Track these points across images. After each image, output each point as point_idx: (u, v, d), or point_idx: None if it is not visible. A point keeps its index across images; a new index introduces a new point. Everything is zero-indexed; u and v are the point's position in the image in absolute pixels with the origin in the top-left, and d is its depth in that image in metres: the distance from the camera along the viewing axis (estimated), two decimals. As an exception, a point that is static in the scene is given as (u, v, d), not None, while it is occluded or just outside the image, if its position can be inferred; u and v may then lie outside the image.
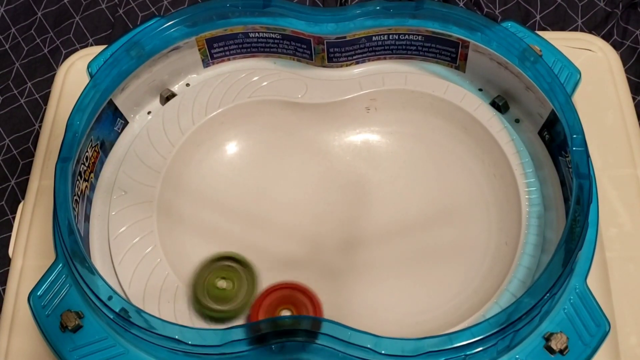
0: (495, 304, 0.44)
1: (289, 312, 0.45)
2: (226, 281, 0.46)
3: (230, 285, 0.46)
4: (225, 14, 0.53)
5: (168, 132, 0.52)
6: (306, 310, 0.44)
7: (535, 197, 0.48)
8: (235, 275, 0.46)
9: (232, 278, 0.46)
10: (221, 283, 0.46)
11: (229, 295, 0.45)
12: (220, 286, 0.45)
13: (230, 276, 0.46)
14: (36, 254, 0.52)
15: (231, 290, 0.46)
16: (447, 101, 0.52)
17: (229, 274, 0.46)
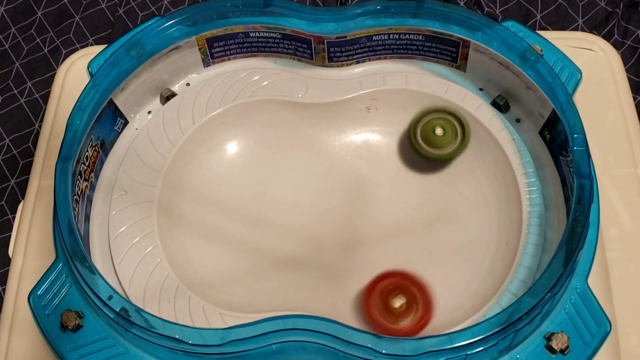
0: (496, 303, 0.44)
1: (402, 301, 0.45)
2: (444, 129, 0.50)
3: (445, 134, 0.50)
4: (225, 14, 0.53)
5: (168, 131, 0.52)
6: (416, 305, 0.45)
7: (536, 196, 0.48)
8: (451, 127, 0.51)
9: (447, 129, 0.51)
10: (438, 130, 0.51)
11: (443, 142, 0.51)
12: (438, 133, 0.50)
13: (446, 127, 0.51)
14: (36, 254, 0.52)
15: (445, 138, 0.51)
16: (448, 101, 0.52)
17: (446, 124, 0.51)
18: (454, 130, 0.51)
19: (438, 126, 0.51)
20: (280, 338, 0.40)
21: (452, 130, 0.51)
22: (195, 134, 0.53)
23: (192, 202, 0.52)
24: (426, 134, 0.51)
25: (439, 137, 0.51)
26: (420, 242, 0.50)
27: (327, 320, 0.39)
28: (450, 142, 0.51)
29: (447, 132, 0.51)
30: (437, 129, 0.51)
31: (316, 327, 0.39)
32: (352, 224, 0.51)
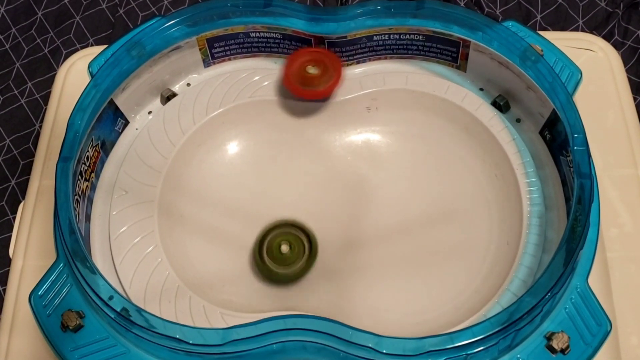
0: (496, 303, 0.44)
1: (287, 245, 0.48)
2: (289, 246, 0.49)
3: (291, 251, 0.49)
4: (226, 14, 0.53)
5: (169, 131, 0.52)
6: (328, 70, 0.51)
7: (537, 196, 0.48)
8: (297, 242, 0.49)
9: (294, 244, 0.49)
10: (284, 247, 0.49)
11: (289, 259, 0.48)
12: (283, 250, 0.48)
13: (293, 242, 0.49)
14: (36, 254, 0.52)
15: (291, 256, 0.48)
16: (448, 101, 0.52)
17: (291, 239, 0.49)
18: (300, 245, 0.49)
19: (284, 242, 0.49)
20: (281, 338, 0.40)
21: (298, 245, 0.49)
22: (196, 134, 0.53)
23: (192, 202, 0.52)
24: (272, 252, 0.49)
25: (286, 255, 0.48)
26: (421, 242, 0.50)
27: (327, 320, 0.39)
28: (298, 258, 0.48)
29: (293, 248, 0.49)
30: (282, 245, 0.49)
31: (317, 327, 0.39)
32: (352, 224, 0.51)
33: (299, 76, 0.51)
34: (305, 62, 0.52)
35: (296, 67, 0.52)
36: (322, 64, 0.52)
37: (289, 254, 0.49)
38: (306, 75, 0.51)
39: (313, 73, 0.51)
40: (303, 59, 0.52)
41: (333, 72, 0.51)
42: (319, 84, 0.51)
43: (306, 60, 0.52)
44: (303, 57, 0.52)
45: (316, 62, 0.52)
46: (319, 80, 0.51)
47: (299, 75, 0.51)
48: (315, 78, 0.51)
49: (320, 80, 0.51)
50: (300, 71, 0.51)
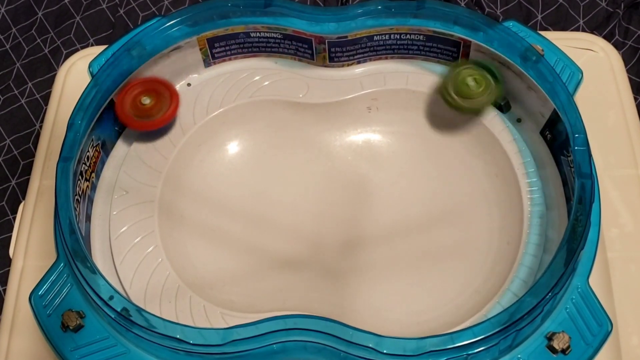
0: (497, 303, 0.44)
1: (149, 100, 0.51)
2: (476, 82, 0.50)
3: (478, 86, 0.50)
4: (226, 14, 0.53)
5: (169, 132, 0.52)
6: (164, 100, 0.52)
7: (537, 196, 0.48)
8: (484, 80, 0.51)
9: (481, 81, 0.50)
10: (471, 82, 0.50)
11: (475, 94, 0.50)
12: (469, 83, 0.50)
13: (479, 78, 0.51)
14: (37, 255, 0.52)
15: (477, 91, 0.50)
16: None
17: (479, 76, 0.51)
18: (486, 82, 0.51)
19: (470, 77, 0.51)
20: (282, 338, 0.39)
21: (484, 81, 0.51)
22: (196, 134, 0.53)
23: (193, 202, 0.52)
24: (459, 86, 0.51)
25: (472, 89, 0.50)
26: (421, 242, 0.50)
27: (328, 320, 0.39)
28: (483, 93, 0.50)
29: (479, 83, 0.50)
30: (469, 80, 0.50)
31: (317, 327, 0.39)
32: (353, 224, 0.51)
33: (134, 109, 0.51)
34: (137, 94, 0.51)
35: (129, 101, 0.51)
36: (154, 93, 0.52)
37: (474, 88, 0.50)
38: (141, 107, 0.51)
39: (147, 104, 0.51)
40: (135, 91, 0.51)
41: (168, 97, 0.52)
42: (157, 113, 0.51)
43: (138, 92, 0.51)
44: (134, 89, 0.51)
45: (148, 92, 0.51)
46: (156, 110, 0.51)
47: (134, 108, 0.51)
48: (151, 108, 0.51)
49: (156, 109, 0.51)
50: (134, 104, 0.51)
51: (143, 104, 0.51)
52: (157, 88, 0.52)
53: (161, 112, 0.51)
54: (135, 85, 0.51)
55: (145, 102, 0.51)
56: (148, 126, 0.51)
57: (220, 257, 0.50)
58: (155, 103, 0.51)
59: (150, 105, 0.51)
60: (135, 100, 0.51)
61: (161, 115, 0.51)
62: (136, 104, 0.51)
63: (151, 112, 0.51)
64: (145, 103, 0.51)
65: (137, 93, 0.51)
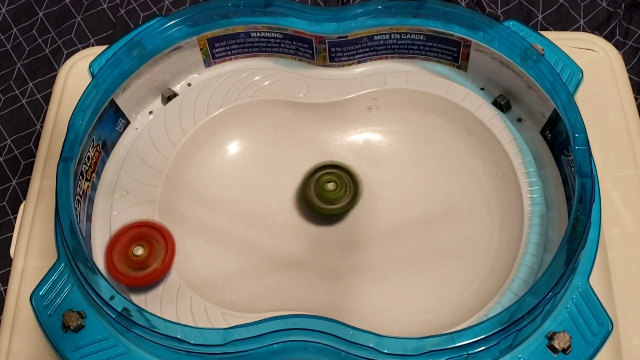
0: (497, 303, 0.44)
1: (142, 249, 0.46)
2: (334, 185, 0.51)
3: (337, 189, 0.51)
4: (226, 14, 0.53)
5: (170, 131, 0.52)
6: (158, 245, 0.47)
7: (538, 196, 0.48)
8: (341, 181, 0.51)
9: (338, 183, 0.51)
10: (330, 186, 0.51)
11: (335, 197, 0.51)
12: (328, 188, 0.51)
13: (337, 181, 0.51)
14: (37, 255, 0.52)
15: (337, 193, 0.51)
16: (449, 100, 0.52)
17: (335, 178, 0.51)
18: (344, 185, 0.51)
19: (330, 181, 0.51)
20: (282, 338, 0.39)
21: (343, 184, 0.51)
22: (197, 134, 0.53)
23: (193, 202, 0.52)
24: (319, 190, 0.51)
25: (331, 192, 0.50)
26: (422, 242, 0.50)
27: (328, 320, 0.39)
28: (343, 196, 0.51)
29: (339, 187, 0.51)
30: (328, 184, 0.51)
31: (318, 327, 0.39)
32: (353, 224, 0.51)
33: (126, 260, 0.46)
34: (127, 242, 0.46)
35: (119, 251, 0.46)
36: (147, 240, 0.47)
37: (334, 192, 0.51)
38: (133, 259, 0.46)
39: (140, 255, 0.46)
40: (124, 239, 0.47)
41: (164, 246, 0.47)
42: (152, 264, 0.46)
43: (127, 240, 0.46)
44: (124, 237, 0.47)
45: (141, 240, 0.47)
46: (150, 261, 0.46)
47: (125, 259, 0.46)
48: (145, 260, 0.46)
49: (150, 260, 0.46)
50: (125, 254, 0.46)
51: (136, 256, 0.46)
52: (146, 233, 0.47)
53: (157, 260, 0.46)
54: (122, 235, 0.47)
55: (138, 253, 0.46)
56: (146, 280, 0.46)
57: (220, 257, 0.50)
58: (149, 252, 0.46)
59: (145, 256, 0.46)
60: (126, 252, 0.46)
61: (159, 263, 0.46)
62: (128, 256, 0.46)
63: (147, 262, 0.46)
64: (138, 254, 0.46)
65: (125, 243, 0.46)
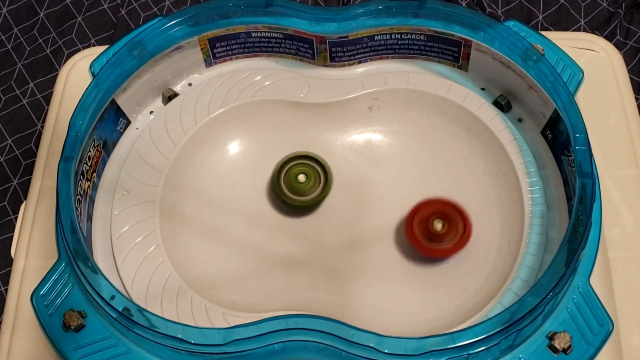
0: (498, 303, 0.44)
1: (441, 224, 0.48)
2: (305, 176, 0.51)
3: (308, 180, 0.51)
4: (227, 14, 0.53)
5: (170, 131, 0.52)
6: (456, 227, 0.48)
7: (538, 196, 0.48)
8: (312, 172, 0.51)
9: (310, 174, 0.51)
10: (301, 177, 0.51)
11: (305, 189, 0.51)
12: (300, 180, 0.51)
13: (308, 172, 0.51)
14: (38, 254, 0.52)
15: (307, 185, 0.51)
16: (450, 100, 0.52)
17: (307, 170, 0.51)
18: (316, 176, 0.51)
19: (300, 173, 0.51)
20: (283, 337, 0.40)
21: (314, 176, 0.51)
22: (197, 134, 0.53)
23: (194, 201, 0.52)
24: (289, 182, 0.51)
25: (302, 184, 0.51)
26: (422, 242, 0.50)
27: (329, 320, 0.39)
28: (313, 188, 0.51)
29: (309, 178, 0.51)
30: (299, 175, 0.51)
31: (318, 327, 0.39)
32: (354, 224, 0.51)
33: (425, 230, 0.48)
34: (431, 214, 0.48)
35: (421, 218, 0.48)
36: (448, 219, 0.48)
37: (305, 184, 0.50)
38: (431, 231, 0.48)
39: (438, 230, 0.48)
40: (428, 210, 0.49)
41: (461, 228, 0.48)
42: (445, 241, 0.48)
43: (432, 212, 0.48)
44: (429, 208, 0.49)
45: (443, 217, 0.48)
46: (445, 237, 0.48)
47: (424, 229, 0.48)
48: (442, 235, 0.48)
49: (446, 237, 0.48)
50: (426, 225, 0.48)
51: (434, 229, 0.48)
52: (449, 212, 0.48)
53: (452, 240, 0.48)
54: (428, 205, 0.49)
55: (437, 227, 0.48)
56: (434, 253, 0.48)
57: (221, 256, 0.50)
58: (447, 230, 0.48)
59: (443, 232, 0.48)
60: (427, 221, 0.48)
61: (451, 244, 0.48)
62: (427, 226, 0.48)
63: (442, 238, 0.48)
64: (437, 228, 0.48)
65: (430, 213, 0.48)
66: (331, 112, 0.54)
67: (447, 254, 0.48)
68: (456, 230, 0.48)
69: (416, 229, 0.48)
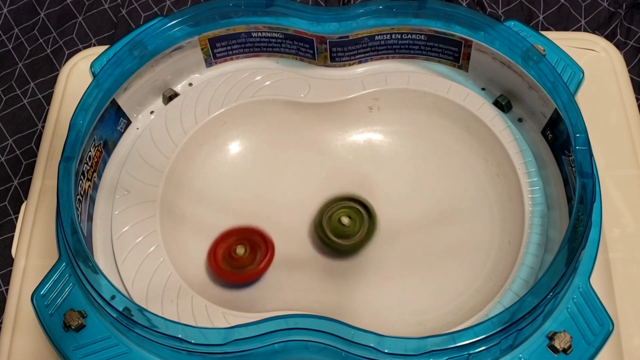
0: (498, 303, 0.44)
1: (243, 249, 0.49)
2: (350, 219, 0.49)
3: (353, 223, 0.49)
4: (228, 14, 0.53)
5: (171, 131, 0.53)
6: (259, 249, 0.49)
7: (539, 196, 0.48)
8: (358, 216, 0.50)
9: (355, 217, 0.50)
10: (344, 219, 0.49)
11: (349, 232, 0.49)
12: (343, 222, 0.49)
13: (353, 215, 0.50)
14: (39, 254, 0.52)
15: (352, 228, 0.49)
16: (450, 100, 0.52)
17: (352, 213, 0.50)
18: (360, 218, 0.50)
19: (344, 215, 0.50)
20: (283, 337, 0.40)
21: (358, 217, 0.50)
22: (198, 134, 0.53)
23: (194, 201, 0.52)
24: (333, 225, 0.49)
25: (346, 227, 0.49)
26: (423, 242, 0.50)
27: (329, 320, 0.39)
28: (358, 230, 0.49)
29: (354, 220, 0.49)
30: (343, 218, 0.49)
31: (318, 327, 0.39)
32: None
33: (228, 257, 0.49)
34: (232, 242, 0.49)
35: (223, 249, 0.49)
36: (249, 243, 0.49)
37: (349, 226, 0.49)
38: (234, 257, 0.49)
39: (240, 254, 0.49)
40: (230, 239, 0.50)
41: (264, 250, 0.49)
42: (249, 265, 0.48)
43: (234, 240, 0.49)
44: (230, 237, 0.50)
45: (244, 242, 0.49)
46: (248, 261, 0.49)
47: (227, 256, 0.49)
48: (243, 259, 0.49)
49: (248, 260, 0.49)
50: (228, 252, 0.49)
51: (237, 254, 0.49)
52: (252, 238, 0.49)
53: (254, 264, 0.48)
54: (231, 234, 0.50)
55: (240, 252, 0.49)
56: (240, 278, 0.49)
57: (221, 256, 0.50)
58: (249, 253, 0.49)
59: (245, 256, 0.49)
60: (229, 250, 0.49)
61: (254, 267, 0.48)
62: (230, 254, 0.49)
63: (244, 262, 0.49)
64: (239, 253, 0.49)
65: (232, 242, 0.49)
66: (332, 112, 0.54)
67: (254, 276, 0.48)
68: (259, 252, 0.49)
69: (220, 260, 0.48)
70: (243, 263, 0.48)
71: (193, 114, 0.53)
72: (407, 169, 0.53)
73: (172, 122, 0.53)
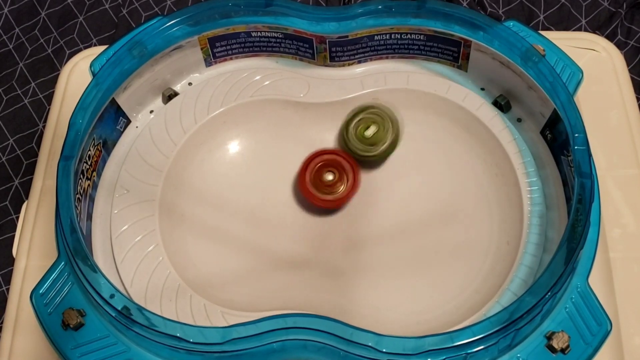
0: (496, 303, 0.44)
1: (332, 175, 0.51)
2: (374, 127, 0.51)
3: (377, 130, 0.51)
4: (227, 13, 0.53)
5: (170, 131, 0.53)
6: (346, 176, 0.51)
7: (537, 196, 0.48)
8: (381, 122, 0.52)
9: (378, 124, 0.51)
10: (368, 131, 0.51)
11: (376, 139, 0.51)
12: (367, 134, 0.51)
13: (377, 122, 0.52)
14: (40, 254, 0.52)
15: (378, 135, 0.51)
16: (449, 100, 0.52)
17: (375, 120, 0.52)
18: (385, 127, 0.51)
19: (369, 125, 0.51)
20: (282, 336, 0.40)
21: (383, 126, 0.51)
22: (197, 133, 0.53)
23: (193, 201, 0.52)
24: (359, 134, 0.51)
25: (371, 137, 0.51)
26: (422, 241, 0.50)
27: (328, 319, 0.39)
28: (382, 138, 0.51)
29: (379, 129, 0.51)
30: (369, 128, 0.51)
31: (317, 326, 0.39)
32: (353, 223, 0.51)
33: (314, 181, 0.51)
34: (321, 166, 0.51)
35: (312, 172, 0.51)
36: (337, 168, 0.51)
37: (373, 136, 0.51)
38: (322, 181, 0.51)
39: (329, 180, 0.51)
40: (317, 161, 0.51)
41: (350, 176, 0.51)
42: (335, 191, 0.51)
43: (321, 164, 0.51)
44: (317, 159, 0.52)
45: (332, 167, 0.51)
46: (335, 187, 0.51)
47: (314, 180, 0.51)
48: (332, 185, 0.51)
49: (336, 186, 0.51)
50: (316, 176, 0.51)
51: (325, 180, 0.51)
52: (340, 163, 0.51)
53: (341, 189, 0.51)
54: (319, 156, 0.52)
55: (328, 178, 0.51)
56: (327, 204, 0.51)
57: (220, 256, 0.50)
58: (337, 179, 0.51)
59: (333, 182, 0.51)
60: (319, 173, 0.51)
61: (340, 193, 0.51)
62: (319, 177, 0.51)
63: (332, 188, 0.51)
64: (328, 179, 0.51)
65: (321, 165, 0.51)
66: (331, 111, 0.54)
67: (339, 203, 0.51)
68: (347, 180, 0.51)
69: (308, 182, 0.51)
70: (332, 189, 0.51)
71: (192, 114, 0.53)
72: (406, 169, 0.53)
73: (171, 122, 0.53)
